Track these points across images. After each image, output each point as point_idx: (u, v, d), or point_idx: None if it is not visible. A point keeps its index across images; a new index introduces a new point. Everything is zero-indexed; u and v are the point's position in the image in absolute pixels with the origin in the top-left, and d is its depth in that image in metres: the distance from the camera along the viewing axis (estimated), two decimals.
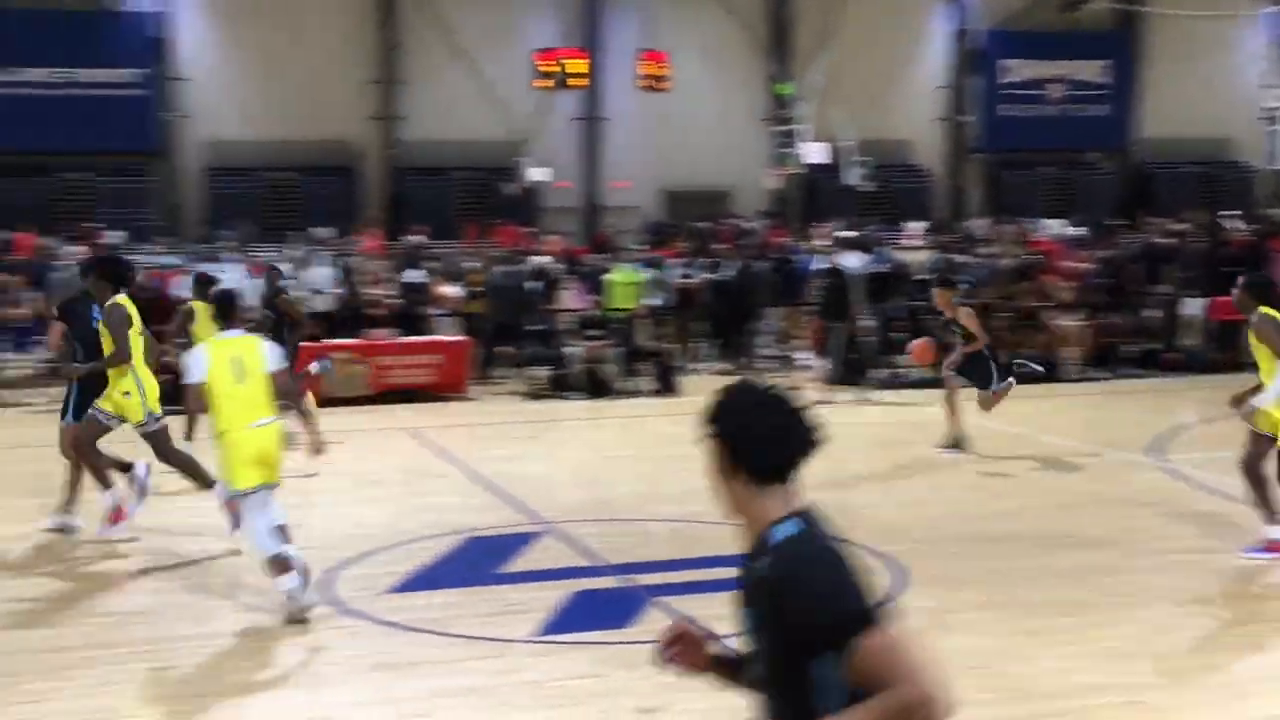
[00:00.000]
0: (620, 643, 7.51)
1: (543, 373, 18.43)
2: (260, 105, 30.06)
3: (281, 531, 8.11)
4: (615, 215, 31.49)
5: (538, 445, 14.74)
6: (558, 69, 30.20)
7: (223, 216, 27.82)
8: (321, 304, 18.91)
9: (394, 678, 7.03)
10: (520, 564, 9.35)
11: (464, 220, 29.29)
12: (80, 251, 19.37)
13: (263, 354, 8.32)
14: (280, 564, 7.91)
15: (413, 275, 20.02)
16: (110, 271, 10.39)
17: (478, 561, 9.47)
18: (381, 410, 16.58)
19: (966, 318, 13.40)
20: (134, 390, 9.90)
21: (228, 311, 8.56)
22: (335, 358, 13.94)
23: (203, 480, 10.01)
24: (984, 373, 13.23)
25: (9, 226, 24.58)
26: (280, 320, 13.97)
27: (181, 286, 18.31)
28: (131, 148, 29.72)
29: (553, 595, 8.37)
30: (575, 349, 18.29)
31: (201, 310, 12.34)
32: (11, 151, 28.83)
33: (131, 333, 9.86)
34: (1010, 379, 13.40)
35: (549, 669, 7.13)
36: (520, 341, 18.82)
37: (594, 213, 32.39)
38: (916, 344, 14.37)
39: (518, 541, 9.93)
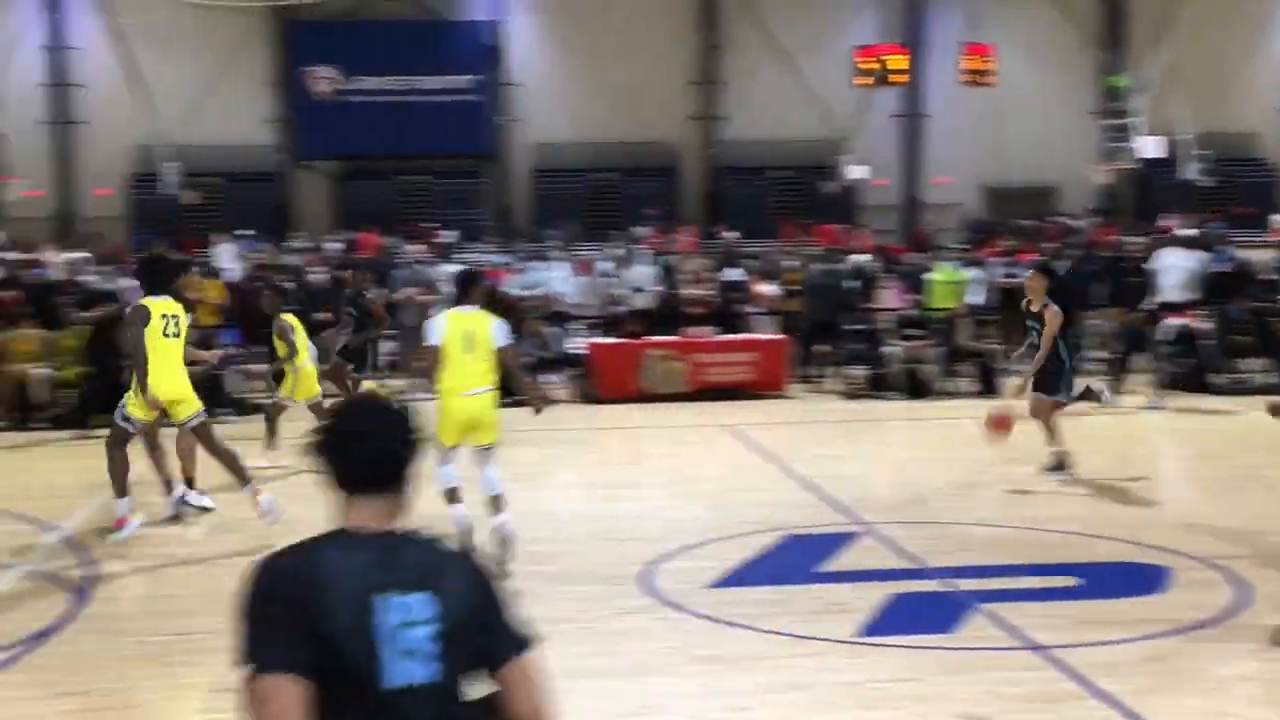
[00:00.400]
0: (942, 648, 7.40)
1: (861, 372, 18.31)
2: (585, 108, 30.95)
3: (495, 502, 9.18)
4: (935, 213, 30.99)
5: (856, 445, 14.65)
6: (878, 66, 29.91)
7: (549, 216, 28.80)
8: (641, 301, 19.30)
9: (717, 671, 7.12)
10: (839, 563, 9.32)
11: (781, 219, 29.37)
12: (419, 250, 20.36)
13: (492, 330, 9.22)
14: (450, 495, 9.16)
15: (731, 274, 20.21)
16: (144, 272, 10.87)
17: (796, 559, 9.49)
18: (700, 407, 16.80)
19: (1052, 316, 11.85)
20: (132, 392, 10.13)
21: (467, 289, 9.50)
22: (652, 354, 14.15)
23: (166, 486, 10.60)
24: (1054, 381, 11.83)
25: (355, 227, 26.14)
26: (364, 318, 15.42)
27: (507, 284, 19.07)
28: (466, 151, 31.11)
29: (872, 596, 8.31)
30: (894, 349, 18.08)
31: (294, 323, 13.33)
32: (358, 157, 30.67)
33: (147, 333, 9.90)
34: (1098, 393, 12.26)
35: (868, 671, 7.08)
36: (838, 340, 18.74)
37: (913, 210, 31.96)
38: (993, 417, 11.91)
39: (836, 541, 9.90)
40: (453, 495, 9.21)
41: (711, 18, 31.66)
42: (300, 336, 13.28)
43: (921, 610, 8.18)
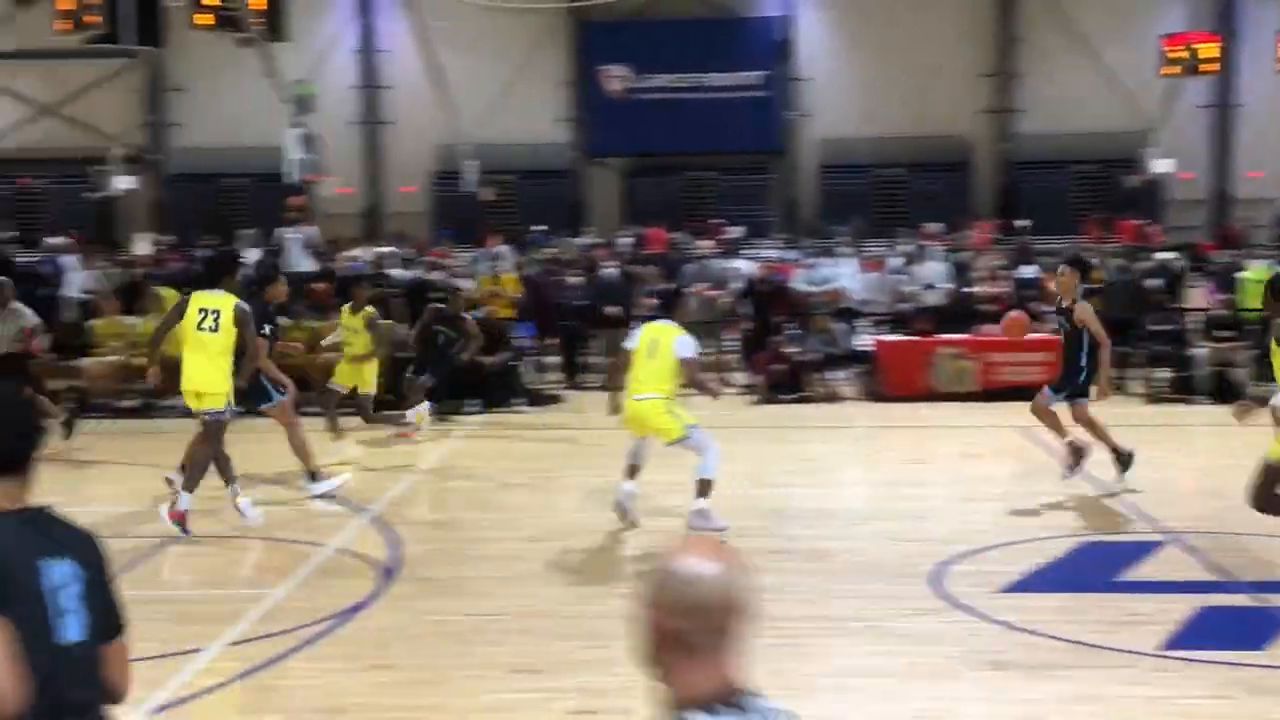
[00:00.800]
0: (1254, 665, 7.04)
1: (1165, 374, 17.54)
2: (874, 103, 30.58)
3: (698, 486, 10.02)
4: (1247, 208, 29.38)
5: (1158, 450, 14.03)
6: (1187, 54, 28.52)
7: (836, 212, 28.60)
8: (933, 299, 18.99)
9: (1010, 678, 6.96)
10: (1139, 573, 8.97)
11: (1080, 214, 28.36)
12: (707, 245, 20.54)
13: (675, 342, 10.12)
14: (627, 470, 10.32)
15: (1026, 271, 19.66)
16: (203, 268, 11.50)
17: (1093, 566, 9.18)
18: (991, 407, 16.41)
19: (1085, 314, 11.33)
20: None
21: (670, 306, 10.65)
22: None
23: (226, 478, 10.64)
24: (1066, 380, 11.49)
25: (643, 222, 26.57)
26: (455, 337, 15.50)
27: (798, 280, 19.04)
28: (753, 147, 31.20)
29: (1176, 609, 7.97)
30: (1202, 350, 17.24)
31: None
32: (646, 153, 31.16)
33: (184, 325, 10.37)
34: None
35: (1172, 686, 6.79)
36: (1140, 341, 18.00)
37: (1223, 205, 30.38)
38: (1011, 318, 12.63)
39: (1137, 549, 9.53)
40: (628, 471, 10.34)
41: (1007, 7, 30.81)
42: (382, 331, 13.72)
43: (1230, 625, 7.80)
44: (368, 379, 14.14)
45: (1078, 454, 11.48)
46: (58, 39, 24.07)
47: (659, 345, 10.17)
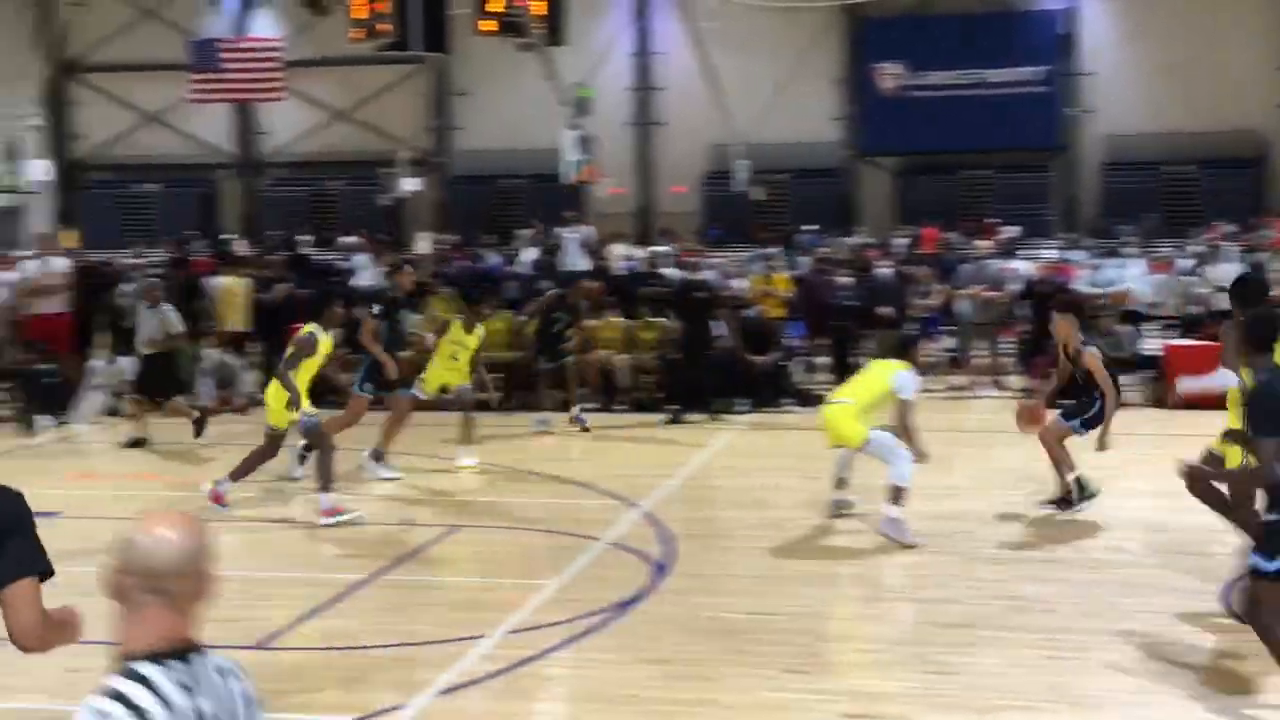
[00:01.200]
0: None
1: None
2: (1161, 98, 29.33)
3: (888, 492, 9.78)
4: None
5: None
6: None
7: (1119, 211, 27.56)
8: (1226, 302, 18.05)
9: None
10: None
11: None
12: (985, 245, 20.09)
13: (897, 376, 10.08)
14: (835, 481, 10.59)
15: None
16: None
17: None
18: None
19: (1091, 362, 10.39)
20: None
21: (901, 349, 10.72)
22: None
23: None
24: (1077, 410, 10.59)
25: (916, 222, 26.16)
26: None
27: (1081, 281, 18.42)
28: (1032, 144, 30.35)
29: None
30: None
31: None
32: (920, 152, 30.68)
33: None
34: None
35: None
36: None
37: None
38: (1021, 407, 11.40)
39: None
40: (835, 483, 10.59)
41: None
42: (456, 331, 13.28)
43: None
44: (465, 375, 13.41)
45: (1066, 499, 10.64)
46: (351, 47, 25.29)
47: (878, 374, 10.31)
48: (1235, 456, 7.79)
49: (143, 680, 2.75)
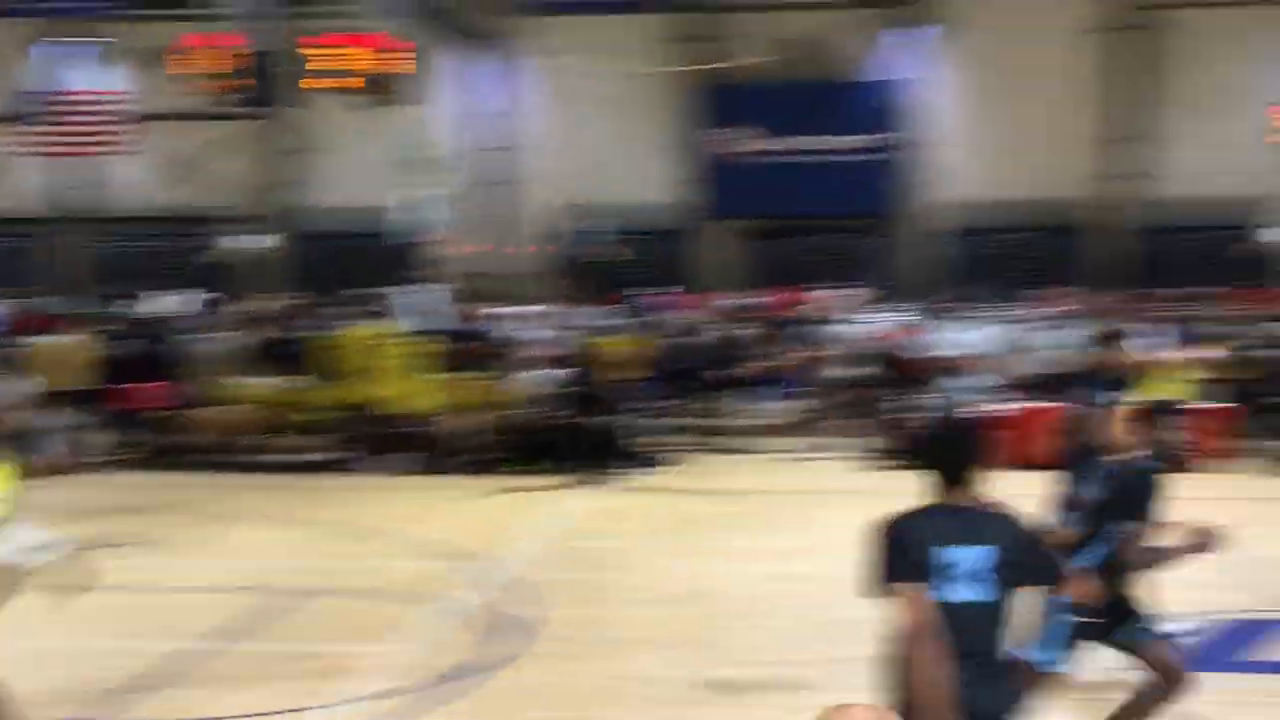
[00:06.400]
0: None
1: None
2: (996, 167, 30.26)
3: None
4: None
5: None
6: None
7: (959, 276, 28.41)
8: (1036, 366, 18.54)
9: None
10: None
11: (1196, 280, 27.68)
12: (818, 310, 20.35)
13: None
14: None
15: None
16: None
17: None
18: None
19: None
20: None
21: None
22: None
23: None
24: None
25: (762, 285, 26.50)
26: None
27: (917, 343, 18.79)
28: (872, 210, 31.11)
29: None
30: None
31: None
32: (765, 215, 31.15)
33: None
34: None
35: None
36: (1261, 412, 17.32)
37: None
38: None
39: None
40: None
41: (1136, 71, 30.48)
42: None
43: None
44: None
45: None
46: (193, 101, 24.81)
47: None
48: None
49: None
